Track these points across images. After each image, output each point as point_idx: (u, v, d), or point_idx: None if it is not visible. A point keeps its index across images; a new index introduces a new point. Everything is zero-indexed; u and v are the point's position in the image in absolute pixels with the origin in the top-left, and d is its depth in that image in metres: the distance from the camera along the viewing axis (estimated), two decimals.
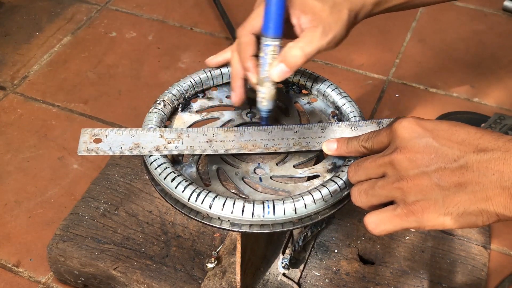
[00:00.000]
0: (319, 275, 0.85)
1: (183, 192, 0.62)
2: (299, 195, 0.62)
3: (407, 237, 0.91)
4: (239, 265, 0.74)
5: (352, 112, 0.73)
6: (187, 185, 0.63)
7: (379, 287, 0.85)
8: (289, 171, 0.68)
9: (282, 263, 0.80)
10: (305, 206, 0.61)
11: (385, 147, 0.58)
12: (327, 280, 0.85)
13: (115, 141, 0.67)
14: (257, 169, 0.68)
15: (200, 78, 0.77)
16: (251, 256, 0.78)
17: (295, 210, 0.61)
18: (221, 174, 0.68)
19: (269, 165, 0.68)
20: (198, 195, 0.62)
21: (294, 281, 0.83)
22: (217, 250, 0.84)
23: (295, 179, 0.67)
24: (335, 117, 0.75)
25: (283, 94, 0.78)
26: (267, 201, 0.61)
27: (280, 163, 0.69)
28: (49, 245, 0.89)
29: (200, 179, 0.67)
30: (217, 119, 0.74)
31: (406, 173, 0.54)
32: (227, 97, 0.77)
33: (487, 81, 1.31)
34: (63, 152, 1.14)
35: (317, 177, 0.67)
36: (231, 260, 0.83)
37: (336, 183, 0.63)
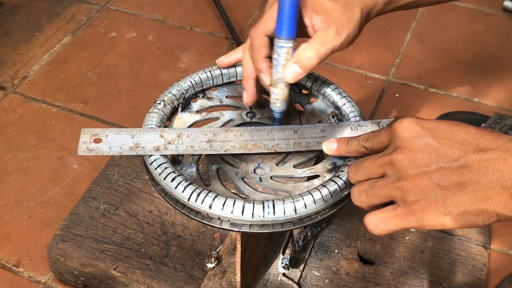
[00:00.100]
0: (319, 275, 0.85)
1: (183, 192, 0.62)
2: (299, 195, 0.62)
3: (407, 237, 0.91)
4: (239, 265, 0.74)
5: (352, 112, 0.73)
6: (187, 185, 0.63)
7: (379, 287, 0.85)
8: (289, 171, 0.68)
9: (282, 263, 0.80)
10: (305, 206, 0.61)
11: (385, 147, 0.58)
12: (327, 280, 0.85)
13: (115, 141, 0.67)
14: (257, 169, 0.68)
15: (200, 78, 0.77)
16: (251, 256, 0.78)
17: (295, 210, 0.61)
18: (221, 174, 0.68)
19: (269, 165, 0.68)
20: (198, 195, 0.62)
21: (294, 281, 0.83)
22: (217, 250, 0.84)
23: (295, 179, 0.67)
24: (335, 117, 0.75)
25: None
26: (267, 201, 0.61)
27: (280, 163, 0.69)
28: (49, 245, 0.89)
29: (200, 179, 0.67)
30: (217, 119, 0.74)
31: (406, 172, 0.54)
32: (227, 97, 0.77)
33: (487, 81, 1.31)
34: (63, 152, 1.14)
35: (317, 177, 0.67)
36: (231, 260, 0.83)
37: (336, 183, 0.63)
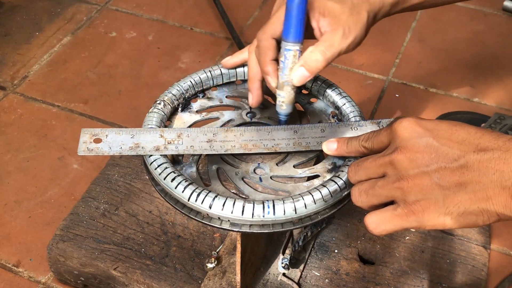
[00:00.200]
0: (319, 275, 0.85)
1: (183, 192, 0.62)
2: (299, 195, 0.62)
3: (407, 237, 0.91)
4: (239, 265, 0.74)
5: (352, 112, 0.73)
6: (187, 185, 0.63)
7: (379, 287, 0.85)
8: (289, 171, 0.68)
9: (282, 263, 0.80)
10: (305, 206, 0.61)
11: (385, 147, 0.58)
12: (327, 280, 0.85)
13: (115, 141, 0.67)
14: (257, 169, 0.68)
15: (200, 78, 0.77)
16: (251, 256, 0.78)
17: (295, 210, 0.61)
18: (221, 174, 0.68)
19: (269, 165, 0.68)
20: (198, 195, 0.62)
21: (294, 281, 0.83)
22: (217, 250, 0.84)
23: (295, 179, 0.67)
24: (335, 117, 0.75)
25: None
26: (267, 201, 0.61)
27: (280, 163, 0.69)
28: (49, 245, 0.89)
29: (200, 179, 0.67)
30: (217, 119, 0.74)
31: (406, 172, 0.54)
32: (227, 97, 0.77)
33: (487, 81, 1.31)
34: (63, 152, 1.14)
35: (317, 177, 0.67)
36: (231, 260, 0.83)
37: (336, 183, 0.63)
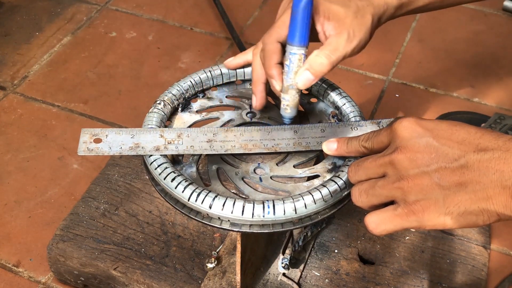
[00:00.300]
0: (319, 275, 0.85)
1: (183, 192, 0.62)
2: (299, 195, 0.62)
3: (407, 237, 0.91)
4: (239, 265, 0.74)
5: (352, 112, 0.73)
6: (187, 185, 0.63)
7: (379, 287, 0.85)
8: (289, 171, 0.68)
9: (282, 263, 0.80)
10: (305, 206, 0.61)
11: (385, 147, 0.58)
12: (327, 280, 0.85)
13: (115, 141, 0.67)
14: (257, 169, 0.68)
15: (200, 78, 0.77)
16: (251, 256, 0.78)
17: (295, 210, 0.61)
18: (221, 174, 0.68)
19: (269, 165, 0.68)
20: (198, 195, 0.62)
21: (294, 281, 0.83)
22: (217, 250, 0.84)
23: (295, 179, 0.67)
24: (335, 117, 0.75)
25: None
26: (267, 201, 0.61)
27: (280, 163, 0.69)
28: (49, 245, 0.89)
29: (200, 179, 0.67)
30: (217, 119, 0.74)
31: (406, 172, 0.54)
32: (227, 97, 0.77)
33: (487, 81, 1.31)
34: (63, 152, 1.14)
35: (317, 177, 0.67)
36: (231, 260, 0.83)
37: (336, 183, 0.63)
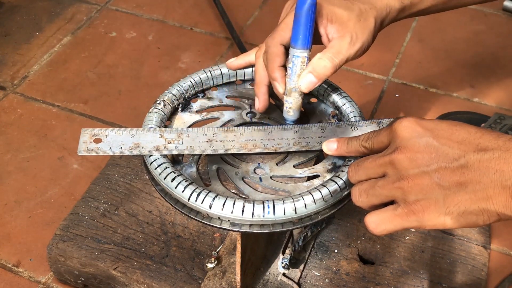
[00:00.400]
0: (319, 275, 0.85)
1: (183, 192, 0.62)
2: (299, 195, 0.62)
3: (407, 237, 0.91)
4: (239, 265, 0.74)
5: (352, 112, 0.73)
6: (187, 185, 0.63)
7: (379, 287, 0.85)
8: (289, 171, 0.68)
9: (282, 263, 0.80)
10: (305, 206, 0.61)
11: (385, 147, 0.58)
12: (327, 280, 0.85)
13: (115, 141, 0.67)
14: (257, 169, 0.68)
15: (200, 78, 0.77)
16: (251, 256, 0.78)
17: (295, 210, 0.61)
18: (221, 174, 0.68)
19: (269, 165, 0.68)
20: (198, 195, 0.62)
21: (294, 281, 0.83)
22: (217, 250, 0.84)
23: (295, 179, 0.67)
24: (335, 117, 0.75)
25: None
26: (267, 201, 0.61)
27: (280, 163, 0.69)
28: (49, 245, 0.89)
29: (200, 179, 0.67)
30: (217, 119, 0.74)
31: (406, 172, 0.54)
32: (227, 97, 0.77)
33: (487, 81, 1.31)
34: (63, 152, 1.14)
35: (317, 177, 0.67)
36: (231, 260, 0.83)
37: (336, 183, 0.63)
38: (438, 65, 1.35)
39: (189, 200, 0.62)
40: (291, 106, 0.70)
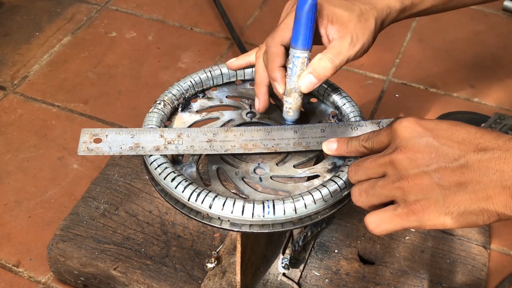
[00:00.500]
0: (319, 275, 0.85)
1: (183, 192, 0.62)
2: (299, 195, 0.62)
3: (407, 237, 0.91)
4: (239, 265, 0.74)
5: (352, 112, 0.73)
6: (187, 185, 0.63)
7: (379, 287, 0.85)
8: (289, 171, 0.68)
9: (282, 263, 0.80)
10: (305, 206, 0.61)
11: (385, 147, 0.58)
12: (327, 280, 0.85)
13: (115, 141, 0.67)
14: (257, 169, 0.68)
15: (200, 78, 0.77)
16: (251, 256, 0.78)
17: (295, 210, 0.61)
18: (221, 174, 0.68)
19: (269, 165, 0.68)
20: (198, 195, 0.62)
21: (294, 281, 0.83)
22: (217, 250, 0.84)
23: (295, 179, 0.67)
24: (335, 117, 0.75)
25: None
26: (267, 201, 0.61)
27: (280, 163, 0.69)
28: (49, 245, 0.89)
29: (200, 179, 0.67)
30: (217, 119, 0.74)
31: (406, 172, 0.54)
32: (227, 97, 0.77)
33: (487, 81, 1.31)
34: (63, 152, 1.14)
35: (317, 177, 0.67)
36: (231, 260, 0.83)
37: (336, 183, 0.63)
38: (438, 65, 1.35)
39: (189, 200, 0.62)
40: (291, 106, 0.70)
